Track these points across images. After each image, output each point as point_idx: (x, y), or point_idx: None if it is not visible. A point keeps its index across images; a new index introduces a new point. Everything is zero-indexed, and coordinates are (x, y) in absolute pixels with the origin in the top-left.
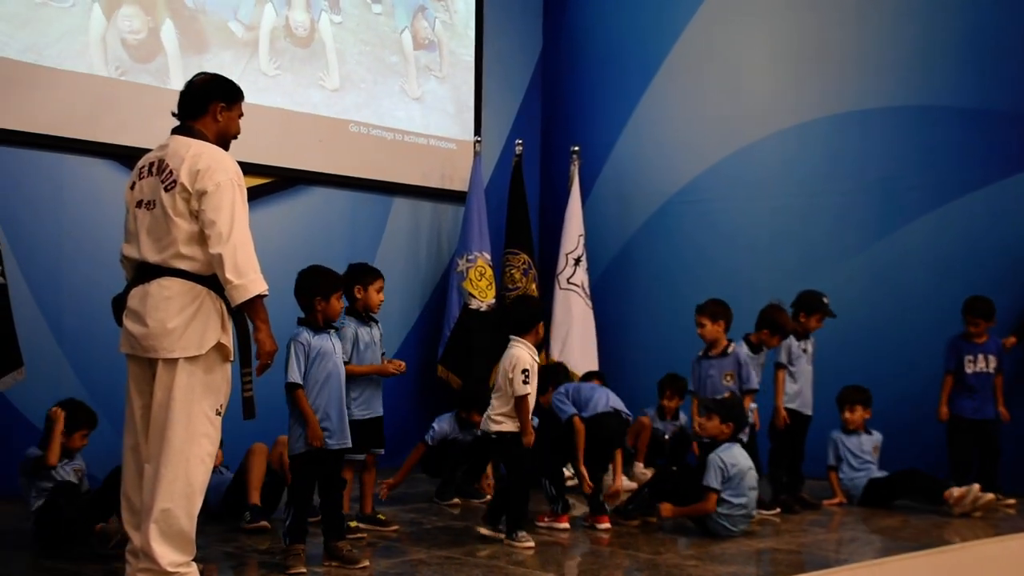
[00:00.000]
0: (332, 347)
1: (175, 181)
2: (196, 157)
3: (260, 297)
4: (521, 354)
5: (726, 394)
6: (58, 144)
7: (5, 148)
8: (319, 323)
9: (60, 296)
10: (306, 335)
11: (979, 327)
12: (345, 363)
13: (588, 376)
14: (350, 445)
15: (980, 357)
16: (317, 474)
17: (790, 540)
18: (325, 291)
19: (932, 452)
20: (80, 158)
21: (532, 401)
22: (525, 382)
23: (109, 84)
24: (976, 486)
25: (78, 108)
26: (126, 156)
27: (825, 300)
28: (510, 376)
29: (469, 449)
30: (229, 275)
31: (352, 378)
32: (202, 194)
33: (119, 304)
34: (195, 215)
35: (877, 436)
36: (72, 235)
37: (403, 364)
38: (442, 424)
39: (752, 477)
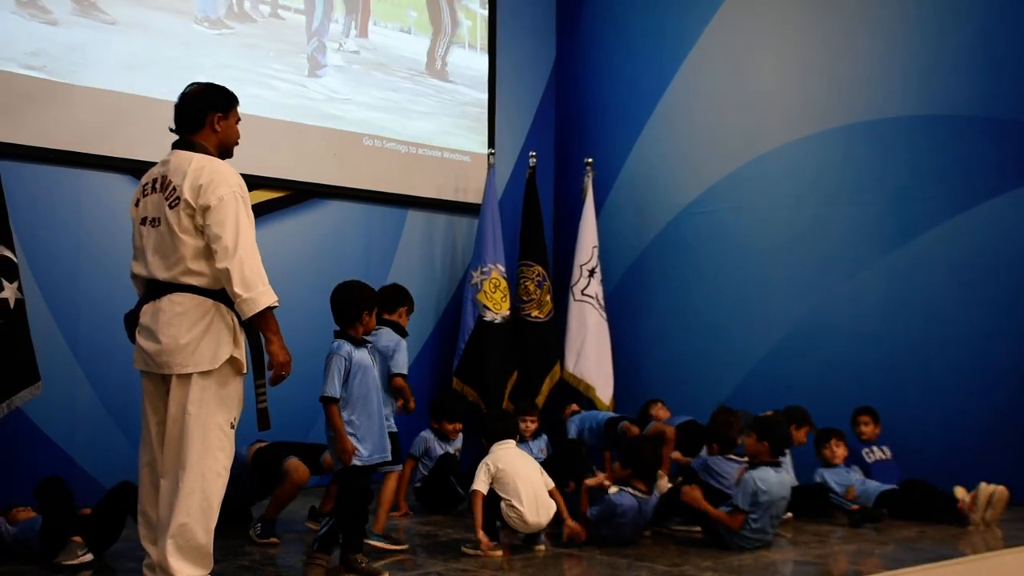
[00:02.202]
0: (370, 361)
1: (179, 198)
2: (198, 172)
3: (270, 309)
4: None
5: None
6: (74, 159)
7: (21, 164)
8: (359, 336)
9: (77, 311)
10: (348, 348)
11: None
12: (404, 376)
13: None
14: (390, 459)
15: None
16: (366, 487)
17: (807, 551)
18: (370, 305)
19: (947, 462)
20: (96, 173)
21: None
22: None
23: (123, 99)
24: (983, 484)
25: (93, 123)
26: (142, 170)
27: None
28: None
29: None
30: (237, 289)
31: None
32: (206, 209)
33: (131, 321)
34: (201, 230)
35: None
36: (88, 250)
37: None
38: (422, 437)
39: (780, 507)
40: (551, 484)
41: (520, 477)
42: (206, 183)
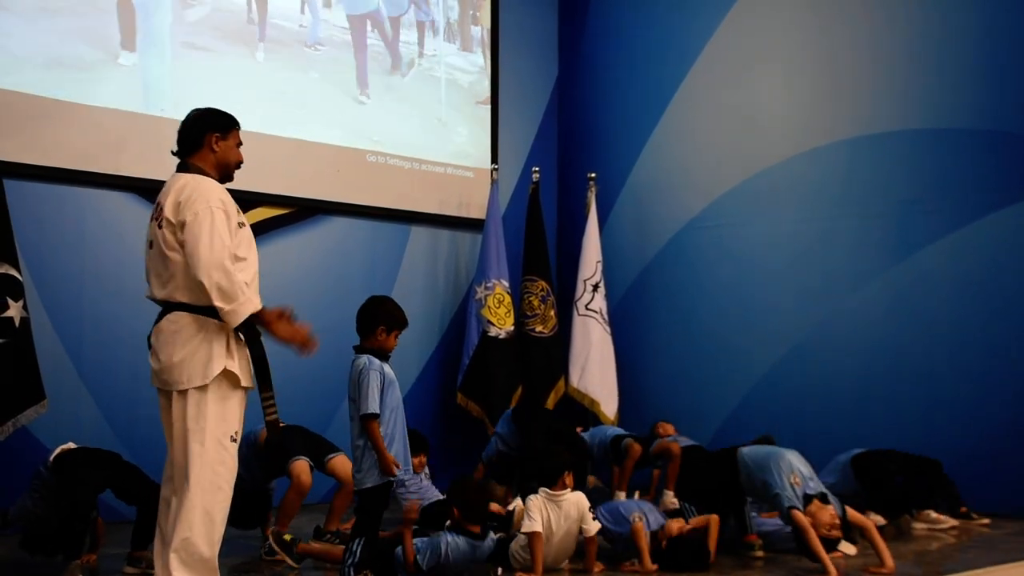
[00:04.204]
0: (395, 377)
1: (163, 216)
2: (180, 190)
3: (256, 315)
4: None
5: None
6: (79, 178)
7: (26, 183)
8: (376, 349)
9: (81, 329)
10: (379, 362)
11: None
12: None
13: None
14: (412, 471)
15: None
16: (386, 505)
17: (808, 563)
18: (388, 321)
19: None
20: (101, 192)
21: None
22: None
23: (129, 118)
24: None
25: (98, 142)
26: (146, 189)
27: None
28: None
29: None
30: (218, 302)
31: None
32: (182, 224)
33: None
34: (183, 246)
35: None
36: (92, 268)
37: None
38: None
39: None
40: (594, 530)
41: (550, 547)
42: (185, 199)
